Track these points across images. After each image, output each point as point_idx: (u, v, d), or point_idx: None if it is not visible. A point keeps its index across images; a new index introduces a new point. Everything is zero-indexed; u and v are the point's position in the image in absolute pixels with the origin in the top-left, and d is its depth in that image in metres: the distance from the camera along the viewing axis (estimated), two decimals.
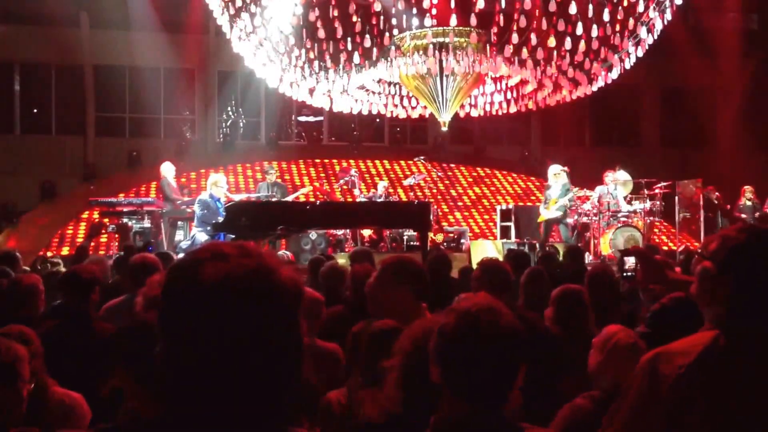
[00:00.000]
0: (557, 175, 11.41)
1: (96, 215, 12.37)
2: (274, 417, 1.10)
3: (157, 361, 1.10)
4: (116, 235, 10.61)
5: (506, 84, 12.77)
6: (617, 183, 12.01)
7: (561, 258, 10.39)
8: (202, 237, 9.82)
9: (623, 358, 2.58)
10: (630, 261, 4.59)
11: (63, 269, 7.09)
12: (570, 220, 11.60)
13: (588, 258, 10.21)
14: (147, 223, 10.75)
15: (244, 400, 1.07)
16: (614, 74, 11.62)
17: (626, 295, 4.90)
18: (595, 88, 12.12)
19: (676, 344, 1.84)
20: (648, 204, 11.85)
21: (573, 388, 2.82)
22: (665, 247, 13.49)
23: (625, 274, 4.63)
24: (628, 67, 11.47)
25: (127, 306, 3.97)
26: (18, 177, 15.69)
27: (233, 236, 9.43)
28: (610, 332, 2.73)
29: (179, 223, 11.21)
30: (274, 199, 11.38)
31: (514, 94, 12.90)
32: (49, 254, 12.39)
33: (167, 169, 11.39)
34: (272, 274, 1.11)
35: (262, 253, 1.14)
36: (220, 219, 9.57)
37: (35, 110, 18.30)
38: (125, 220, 10.72)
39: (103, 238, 12.52)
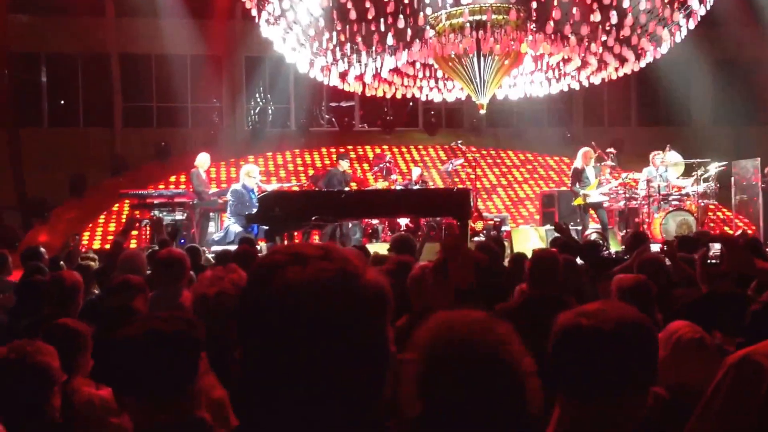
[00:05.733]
0: (592, 158, 11.18)
1: (126, 208, 12.19)
2: (360, 426, 1.07)
3: (238, 367, 1.09)
4: (149, 230, 10.37)
5: (547, 63, 12.20)
6: (667, 165, 11.46)
7: (607, 244, 10.08)
8: (235, 229, 9.76)
9: (688, 355, 2.48)
10: (715, 247, 4.16)
11: (96, 264, 6.91)
12: (606, 202, 11.12)
13: None
14: (179, 215, 10.50)
15: (325, 410, 1.04)
16: (664, 49, 10.99)
17: (681, 282, 4.68)
18: (643, 64, 11.49)
19: (764, 345, 1.70)
20: (702, 186, 11.23)
21: None
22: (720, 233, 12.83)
23: (709, 261, 4.22)
24: (678, 40, 10.83)
25: (156, 302, 3.78)
26: (47, 171, 15.46)
27: (267, 227, 9.31)
28: (674, 327, 2.59)
29: (211, 214, 10.97)
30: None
31: (556, 74, 12.33)
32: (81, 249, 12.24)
33: (202, 161, 11.15)
34: (355, 280, 1.06)
35: (347, 256, 1.09)
36: (254, 210, 9.43)
37: (62, 102, 18.13)
38: (156, 212, 10.46)
39: (134, 241, 12.28)
